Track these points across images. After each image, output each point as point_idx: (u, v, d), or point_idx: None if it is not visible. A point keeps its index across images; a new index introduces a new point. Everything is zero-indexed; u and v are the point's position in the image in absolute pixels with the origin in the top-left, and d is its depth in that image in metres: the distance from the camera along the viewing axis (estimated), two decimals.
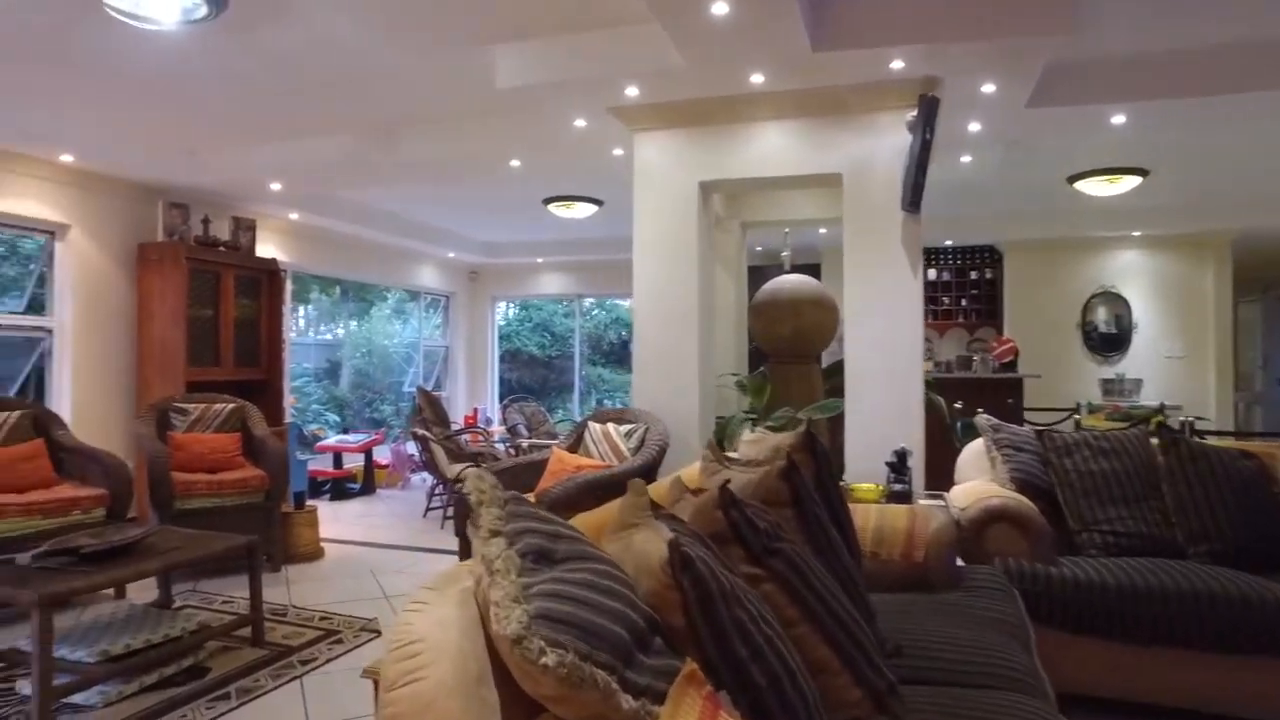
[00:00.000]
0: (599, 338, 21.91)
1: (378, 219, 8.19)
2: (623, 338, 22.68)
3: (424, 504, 7.45)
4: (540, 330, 19.42)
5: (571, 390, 20.14)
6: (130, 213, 6.25)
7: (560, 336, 20.10)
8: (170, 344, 6.05)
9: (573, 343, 20.29)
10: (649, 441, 3.98)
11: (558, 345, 20.01)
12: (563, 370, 20.65)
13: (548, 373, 19.87)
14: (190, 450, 5.09)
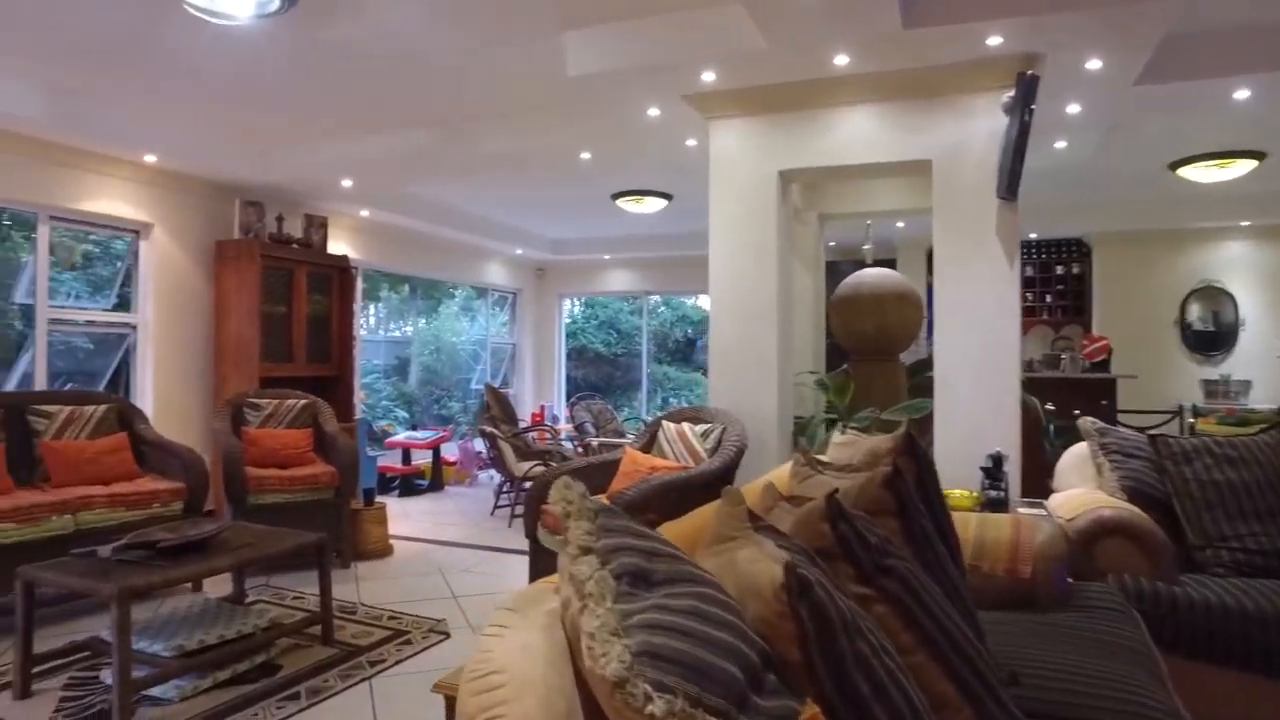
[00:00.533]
0: (665, 335, 21.78)
1: (446, 216, 8.19)
2: (688, 335, 22.50)
3: (491, 501, 7.42)
4: (606, 328, 19.37)
5: (637, 388, 20.05)
6: (208, 211, 6.35)
7: (626, 334, 20.02)
8: (245, 340, 6.13)
9: (639, 340, 20.24)
10: (726, 442, 3.81)
11: (623, 343, 19.93)
12: (628, 368, 20.57)
13: (613, 370, 19.81)
14: (263, 446, 5.13)
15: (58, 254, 6.23)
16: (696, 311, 22.86)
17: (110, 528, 4.09)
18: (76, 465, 4.31)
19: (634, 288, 10.84)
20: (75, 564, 3.10)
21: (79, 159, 5.43)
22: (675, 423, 4.19)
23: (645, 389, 12.00)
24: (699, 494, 3.75)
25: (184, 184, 6.14)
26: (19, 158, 5.11)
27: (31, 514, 3.83)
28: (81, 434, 4.51)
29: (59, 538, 3.90)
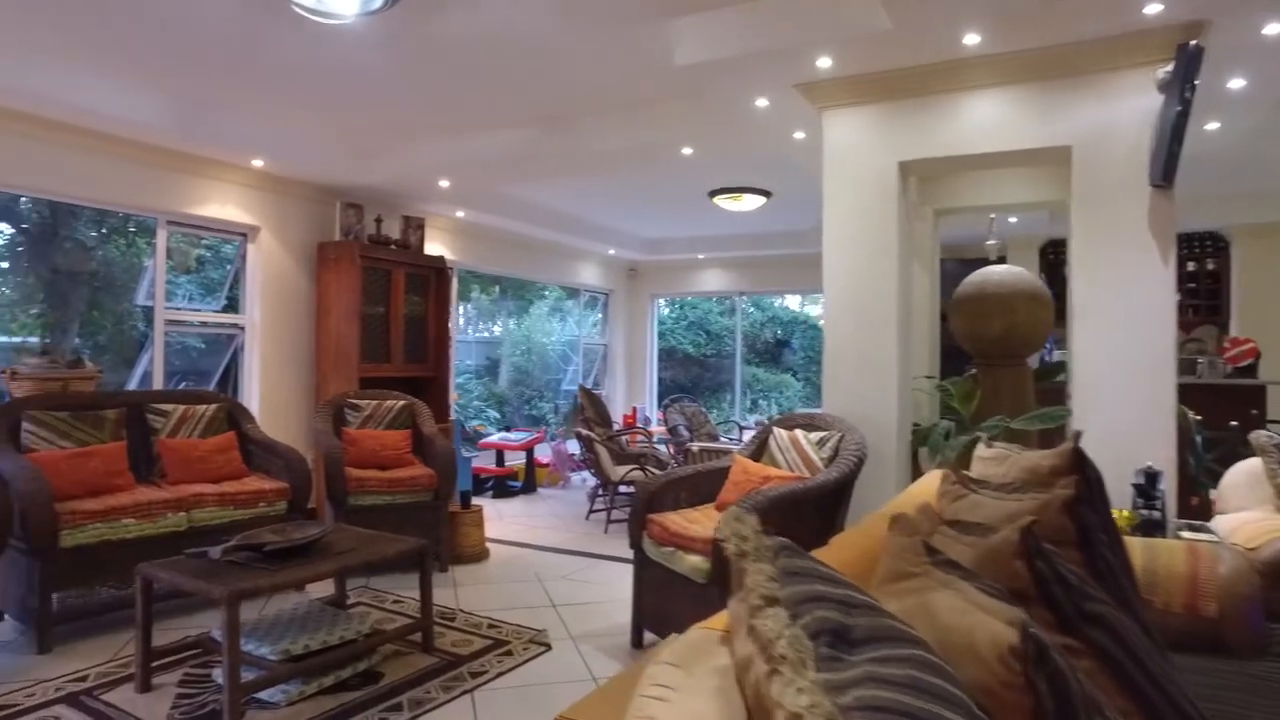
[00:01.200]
0: (754, 337, 21.44)
1: (541, 216, 8.15)
2: (778, 337, 22.10)
3: (585, 505, 7.32)
4: (695, 329, 19.16)
5: (725, 390, 19.77)
6: (311, 214, 6.45)
7: (716, 335, 19.76)
8: (345, 340, 6.19)
9: (729, 341, 19.95)
10: (844, 451, 3.56)
11: (713, 344, 19.68)
12: (717, 370, 20.30)
13: (702, 371, 19.58)
14: (363, 446, 5.13)
15: (174, 258, 6.45)
16: (786, 312, 22.43)
17: (220, 526, 4.13)
18: (189, 463, 4.38)
19: (727, 288, 10.60)
20: (188, 564, 3.10)
21: (194, 165, 5.57)
22: (787, 429, 3.96)
23: (739, 391, 11.71)
24: (816, 507, 3.52)
25: (289, 187, 6.25)
26: (141, 165, 5.27)
27: (150, 510, 3.89)
28: (194, 432, 4.59)
29: (173, 534, 3.96)
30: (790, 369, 22.29)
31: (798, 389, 21.91)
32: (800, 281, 10.26)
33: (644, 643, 3.76)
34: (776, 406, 20.83)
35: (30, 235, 8.49)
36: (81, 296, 8.66)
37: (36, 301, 8.62)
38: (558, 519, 6.81)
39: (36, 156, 4.74)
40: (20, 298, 8.70)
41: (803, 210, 8.09)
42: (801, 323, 22.81)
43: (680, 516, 3.62)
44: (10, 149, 4.61)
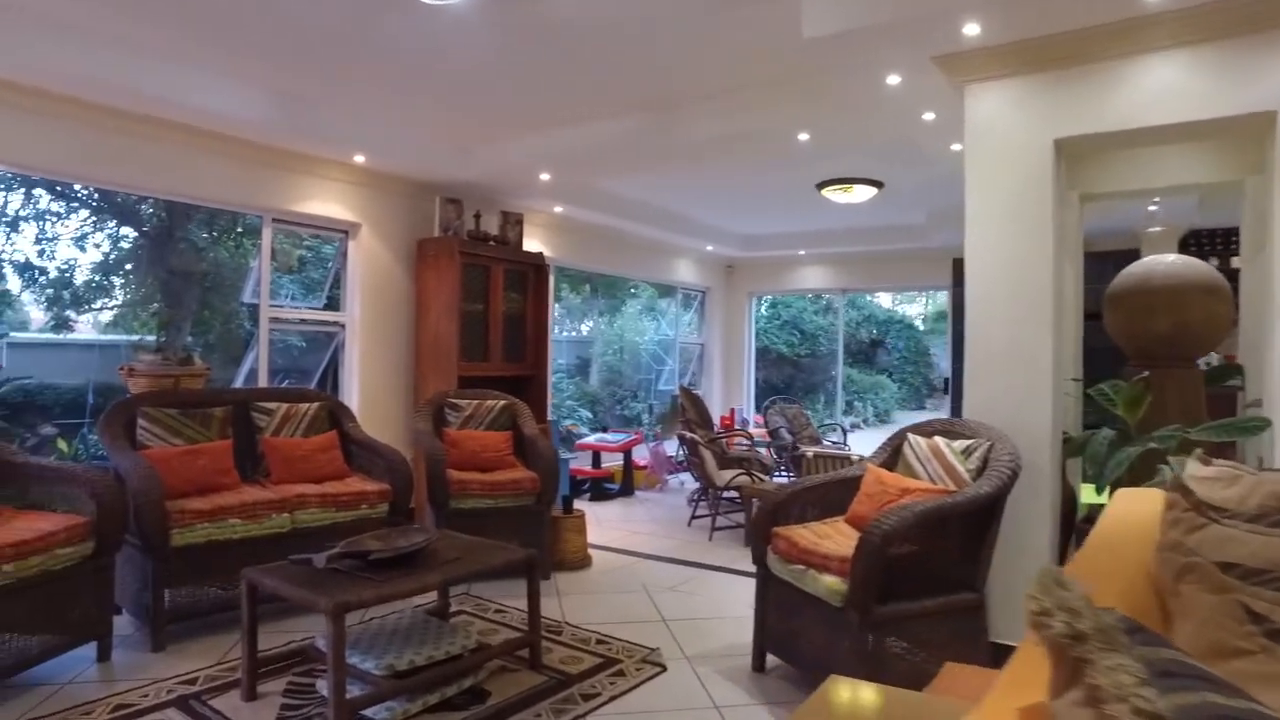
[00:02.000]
0: (849, 337, 20.76)
1: (639, 211, 7.92)
2: (873, 336, 21.35)
3: (685, 509, 7.04)
4: (789, 328, 18.67)
5: (818, 391, 19.20)
6: (410, 210, 6.38)
7: (810, 335, 19.23)
8: (444, 338, 6.09)
9: (825, 341, 19.39)
10: (996, 462, 3.17)
11: (807, 344, 19.15)
12: (811, 370, 19.77)
13: (795, 372, 19.07)
14: (464, 448, 4.98)
15: (278, 259, 6.50)
16: (882, 311, 21.67)
17: (322, 528, 4.03)
18: (292, 463, 4.31)
19: (829, 284, 10.14)
20: (292, 571, 2.96)
21: (298, 162, 5.54)
22: (925, 436, 3.58)
23: (839, 393, 11.24)
24: (963, 524, 3.14)
25: (388, 183, 6.19)
26: (248, 164, 5.27)
27: (255, 511, 3.81)
28: (296, 431, 4.52)
29: (277, 535, 3.87)
30: (884, 370, 21.53)
31: (893, 390, 21.13)
32: (907, 278, 9.73)
33: (766, 666, 3.45)
34: (872, 409, 20.14)
35: (149, 238, 8.80)
36: (194, 296, 8.91)
37: (154, 302, 8.92)
38: (658, 524, 6.55)
39: (152, 157, 4.76)
40: (140, 298, 9.04)
41: (914, 202, 7.61)
42: (897, 322, 22.00)
43: (810, 532, 3.30)
44: (127, 150, 4.65)
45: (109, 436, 3.86)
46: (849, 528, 3.43)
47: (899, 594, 2.96)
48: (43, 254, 8.17)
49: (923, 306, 22.62)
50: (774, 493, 3.48)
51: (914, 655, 3.00)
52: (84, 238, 8.45)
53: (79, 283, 8.54)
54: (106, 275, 8.82)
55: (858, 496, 3.49)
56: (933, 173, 6.30)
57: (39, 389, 7.52)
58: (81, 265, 8.43)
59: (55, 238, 8.28)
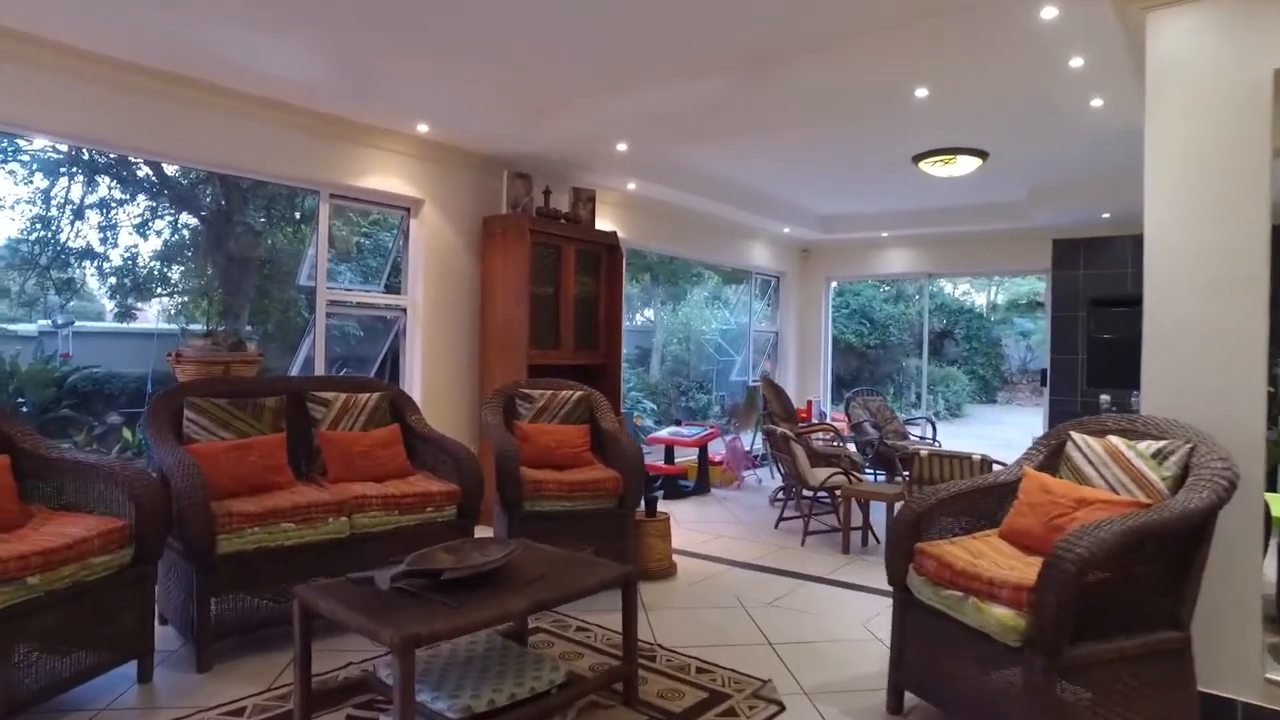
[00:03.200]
0: (920, 326, 19.84)
1: (716, 188, 7.35)
2: (943, 327, 20.38)
3: (767, 509, 6.48)
4: (857, 317, 17.87)
5: (886, 383, 18.36)
6: (476, 185, 5.93)
7: (879, 324, 18.39)
8: (512, 323, 5.63)
9: (895, 331, 18.55)
10: (1203, 469, 2.54)
11: (876, 333, 18.32)
12: (878, 361, 18.93)
13: (861, 363, 18.27)
14: (537, 443, 4.51)
15: (335, 245, 6.15)
16: (954, 301, 20.68)
17: (384, 533, 3.59)
18: (351, 459, 3.88)
19: (912, 269, 9.44)
20: (353, 593, 2.50)
21: (356, 133, 5.13)
22: (1095, 435, 2.96)
23: (924, 384, 10.54)
24: (1161, 546, 2.53)
25: (453, 157, 5.74)
26: (304, 134, 4.87)
27: (310, 514, 3.38)
28: (355, 424, 4.09)
29: (334, 541, 3.44)
30: (953, 361, 20.55)
31: (965, 383, 20.14)
32: (998, 261, 8.97)
33: (904, 708, 2.89)
34: (943, 401, 19.22)
35: (207, 223, 8.56)
36: (251, 283, 8.65)
37: (213, 289, 8.69)
38: (741, 526, 6.01)
39: (203, 125, 4.39)
40: (199, 285, 8.81)
41: (1017, 177, 6.91)
42: (965, 312, 20.97)
43: (962, 550, 2.72)
44: (175, 117, 4.27)
45: (154, 429, 3.47)
46: (1007, 545, 2.84)
47: (1088, 632, 2.38)
48: (105, 241, 8.00)
49: (991, 295, 21.59)
50: (915, 502, 2.91)
51: (1104, 708, 2.41)
52: (145, 224, 8.26)
53: (141, 270, 8.36)
54: (166, 262, 8.63)
55: (1016, 507, 2.90)
56: (1054, 138, 5.62)
57: (106, 378, 7.38)
58: (143, 252, 8.24)
59: (117, 225, 8.09)
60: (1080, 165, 6.52)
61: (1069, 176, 6.92)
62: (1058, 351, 8.40)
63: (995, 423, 18.11)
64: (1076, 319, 8.27)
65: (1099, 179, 6.91)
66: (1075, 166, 6.58)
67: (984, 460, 4.42)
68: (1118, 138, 5.43)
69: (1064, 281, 8.34)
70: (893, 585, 2.89)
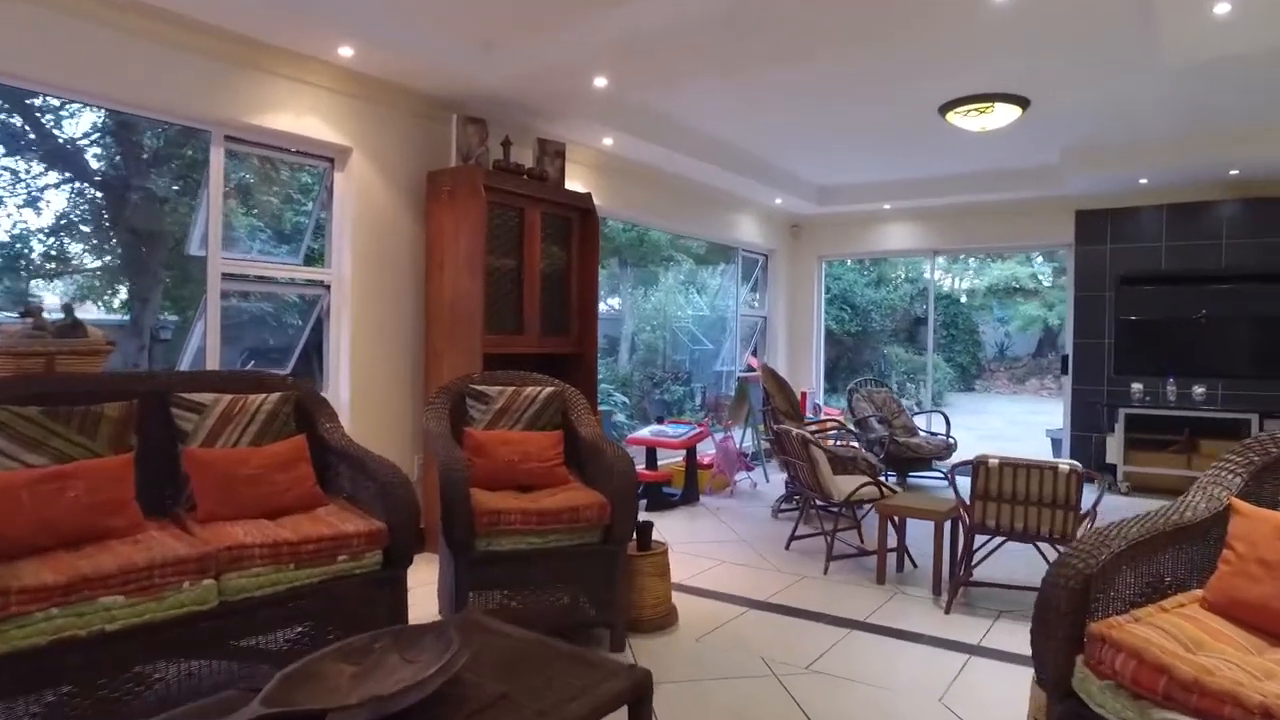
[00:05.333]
0: (902, 312, 19.05)
1: (703, 147, 6.31)
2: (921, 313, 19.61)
3: (769, 521, 5.48)
4: (837, 302, 16.95)
5: (866, 371, 17.49)
6: (419, 132, 4.80)
7: (861, 310, 17.51)
8: (464, 302, 4.52)
9: (877, 317, 17.69)
10: None
11: (857, 320, 17.44)
12: (858, 349, 18.06)
13: (841, 351, 17.38)
14: (494, 456, 3.43)
15: (254, 208, 5.01)
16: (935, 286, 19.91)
17: (273, 597, 2.48)
18: (231, 487, 2.76)
19: (916, 245, 8.49)
20: None
21: (260, 56, 3.97)
22: None
23: (930, 374, 9.64)
24: None
25: (389, 95, 4.60)
26: (190, 55, 3.70)
27: (152, 579, 2.24)
28: (242, 438, 2.97)
29: (192, 616, 2.32)
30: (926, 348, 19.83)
31: (945, 371, 19.40)
32: (1013, 235, 8.05)
33: None
34: (924, 390, 18.46)
35: (107, 190, 7.26)
36: (159, 261, 7.39)
37: (116, 269, 7.39)
38: (744, 545, 4.99)
39: (62, 36, 3.21)
40: (100, 267, 7.51)
41: (1056, 131, 5.98)
42: (943, 298, 20.22)
43: (1163, 635, 1.72)
44: (33, 24, 3.09)
45: None
46: (1226, 624, 1.85)
47: None
48: None
49: (970, 280, 20.92)
50: (1076, 557, 1.89)
51: None
52: (36, 199, 6.95)
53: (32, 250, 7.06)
54: (60, 239, 7.33)
55: (1232, 563, 1.91)
56: (1127, 72, 4.67)
57: None
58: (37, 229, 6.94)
59: None
60: (1140, 114, 5.58)
61: (1119, 131, 5.99)
62: (1081, 335, 7.51)
63: (977, 412, 17.42)
64: (1103, 299, 7.39)
65: (1157, 133, 5.99)
66: (1132, 117, 5.65)
67: (1074, 472, 3.45)
68: (1219, 71, 4.52)
69: (1089, 257, 7.45)
70: (1047, 687, 1.87)
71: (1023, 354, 20.98)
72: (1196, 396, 6.81)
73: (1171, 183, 6.81)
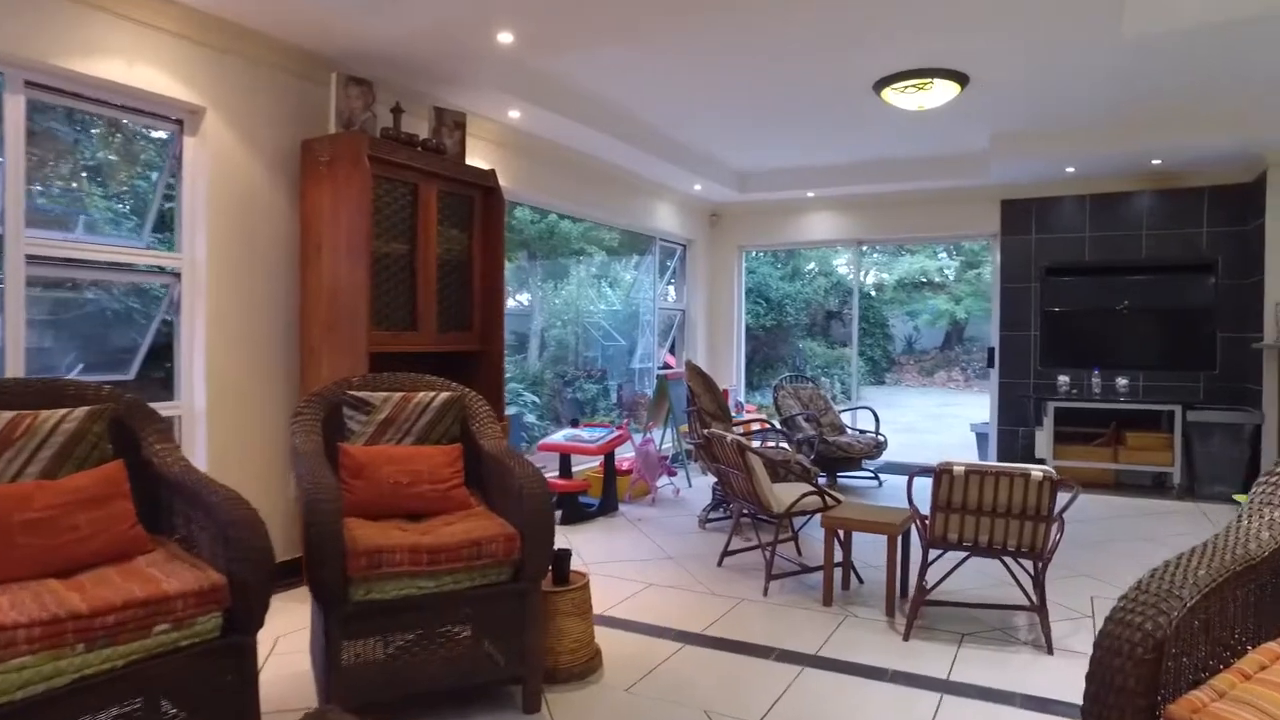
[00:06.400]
0: (817, 306, 19.01)
1: (617, 123, 5.77)
2: (833, 307, 19.64)
3: (698, 533, 5.00)
4: (752, 296, 16.68)
5: (781, 366, 17.35)
6: (291, 92, 4.09)
7: (776, 304, 17.32)
8: (346, 293, 3.85)
9: (792, 310, 17.56)
10: None
11: (773, 314, 17.25)
12: (773, 344, 17.89)
13: (755, 346, 17.14)
14: (378, 479, 2.81)
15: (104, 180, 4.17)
16: (848, 280, 19.96)
17: (48, 697, 1.80)
18: (7, 535, 2.05)
19: (840, 235, 8.18)
20: None
21: None
22: None
23: (855, 369, 9.37)
24: None
25: (254, 46, 3.88)
26: None
27: None
28: (26, 466, 2.26)
29: None
30: (842, 342, 19.88)
31: (858, 364, 19.49)
32: (939, 226, 7.83)
33: None
34: (839, 384, 18.45)
35: None
36: None
37: None
38: (673, 564, 4.48)
39: None
40: None
41: (990, 113, 5.70)
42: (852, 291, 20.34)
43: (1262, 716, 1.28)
44: None
45: None
46: None
47: None
48: None
49: (877, 274, 21.14)
50: (1143, 611, 1.43)
51: None
52: None
53: None
54: None
55: None
56: (1065, 52, 4.37)
57: None
58: None
59: None
60: (1073, 99, 5.37)
61: (1050, 117, 5.77)
62: (1007, 328, 7.34)
63: (890, 405, 17.49)
64: (1029, 290, 7.23)
65: (1088, 119, 5.80)
66: (1064, 103, 5.44)
67: (1048, 479, 3.07)
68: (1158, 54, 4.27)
69: (1014, 248, 7.29)
70: None
71: (930, 347, 21.32)
72: (1120, 389, 6.71)
73: (1097, 171, 6.68)
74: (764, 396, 13.59)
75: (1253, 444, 6.16)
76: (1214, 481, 6.28)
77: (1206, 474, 6.30)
